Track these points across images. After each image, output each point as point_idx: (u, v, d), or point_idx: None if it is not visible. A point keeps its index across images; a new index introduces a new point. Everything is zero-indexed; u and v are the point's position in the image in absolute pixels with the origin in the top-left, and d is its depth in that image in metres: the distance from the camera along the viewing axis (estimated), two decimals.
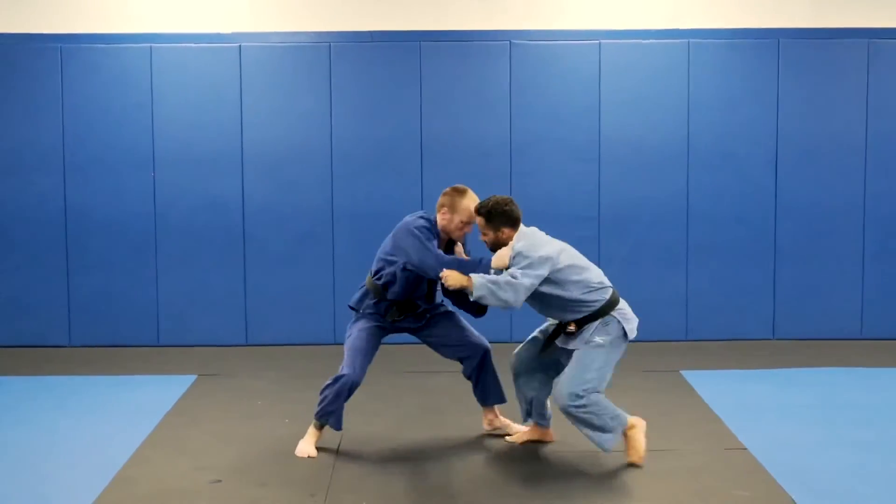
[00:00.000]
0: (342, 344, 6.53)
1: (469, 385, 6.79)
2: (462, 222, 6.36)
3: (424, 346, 6.76)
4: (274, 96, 9.45)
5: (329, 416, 6.39)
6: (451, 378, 7.91)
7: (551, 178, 9.47)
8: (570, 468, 6.16)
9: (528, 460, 6.31)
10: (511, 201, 6.16)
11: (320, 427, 6.47)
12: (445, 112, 9.44)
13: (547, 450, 6.49)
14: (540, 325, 6.54)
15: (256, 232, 9.51)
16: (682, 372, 8.41)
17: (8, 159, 9.44)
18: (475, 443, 6.64)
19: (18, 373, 8.62)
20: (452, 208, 6.36)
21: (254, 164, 9.45)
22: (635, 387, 7.94)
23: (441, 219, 6.40)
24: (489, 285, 5.88)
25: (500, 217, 6.13)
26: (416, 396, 7.76)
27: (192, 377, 8.38)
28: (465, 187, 6.45)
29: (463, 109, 9.44)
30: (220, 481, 5.91)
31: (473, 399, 6.80)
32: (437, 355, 6.81)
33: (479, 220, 6.19)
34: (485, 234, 6.21)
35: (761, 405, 7.48)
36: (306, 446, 6.44)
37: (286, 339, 9.55)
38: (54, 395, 7.95)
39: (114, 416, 7.35)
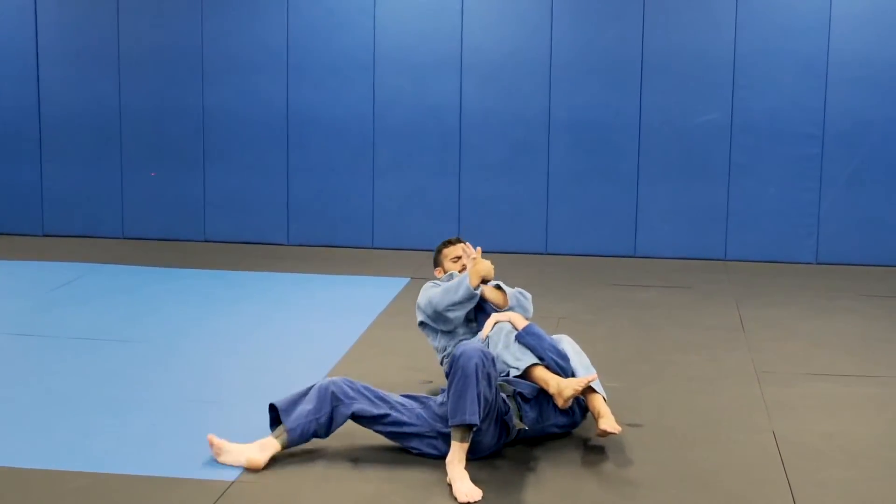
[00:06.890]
0: (553, 254, 6.48)
1: (681, 301, 6.65)
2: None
3: (633, 259, 6.66)
4: (495, 2, 9.40)
5: None
6: (662, 293, 7.84)
7: (775, 93, 9.18)
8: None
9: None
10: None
11: None
12: (668, 22, 9.22)
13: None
14: None
15: (472, 138, 9.53)
16: None
17: (233, 60, 9.68)
18: (686, 355, 6.55)
19: (239, 267, 8.92)
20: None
21: (472, 70, 9.45)
22: (855, 311, 7.72)
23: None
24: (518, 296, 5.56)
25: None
26: (627, 309, 7.70)
27: (406, 280, 8.51)
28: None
29: (687, 20, 9.21)
30: (430, 382, 6.00)
31: (684, 314, 6.67)
32: (649, 268, 6.71)
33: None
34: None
35: None
36: None
37: (499, 247, 9.56)
38: (272, 290, 8.20)
39: (329, 313, 7.54)
